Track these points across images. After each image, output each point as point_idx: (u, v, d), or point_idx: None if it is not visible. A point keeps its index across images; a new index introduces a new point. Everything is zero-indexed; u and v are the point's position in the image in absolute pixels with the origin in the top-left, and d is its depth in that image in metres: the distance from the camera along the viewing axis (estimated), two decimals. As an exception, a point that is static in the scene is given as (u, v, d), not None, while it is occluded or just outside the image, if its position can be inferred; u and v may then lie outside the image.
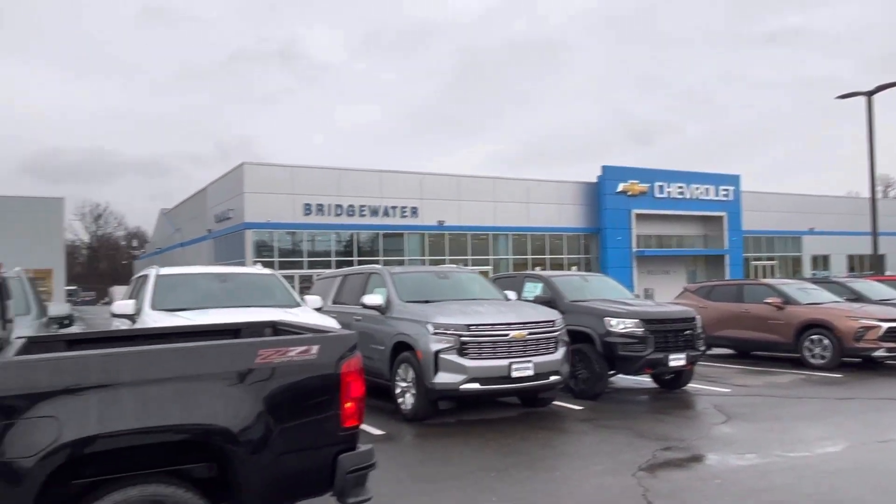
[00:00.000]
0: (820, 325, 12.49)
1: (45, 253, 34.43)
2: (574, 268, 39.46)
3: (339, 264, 32.24)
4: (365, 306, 9.22)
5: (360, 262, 32.19)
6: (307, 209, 34.38)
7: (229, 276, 9.11)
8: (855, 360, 12.66)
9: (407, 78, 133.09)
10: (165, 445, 3.35)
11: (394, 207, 36.51)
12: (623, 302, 10.54)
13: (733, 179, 46.14)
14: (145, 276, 8.83)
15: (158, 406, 3.24)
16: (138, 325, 7.32)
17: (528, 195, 40.54)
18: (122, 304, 8.03)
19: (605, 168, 42.12)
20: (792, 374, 11.97)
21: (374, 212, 35.98)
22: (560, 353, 8.55)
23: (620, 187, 41.78)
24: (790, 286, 13.94)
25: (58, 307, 10.80)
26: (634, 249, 42.22)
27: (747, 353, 14.54)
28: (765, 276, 44.02)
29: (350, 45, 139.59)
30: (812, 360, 12.45)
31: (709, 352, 12.53)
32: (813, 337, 12.53)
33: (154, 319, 7.38)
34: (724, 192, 45.29)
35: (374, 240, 36.70)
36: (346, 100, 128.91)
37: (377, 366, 8.68)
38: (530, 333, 8.28)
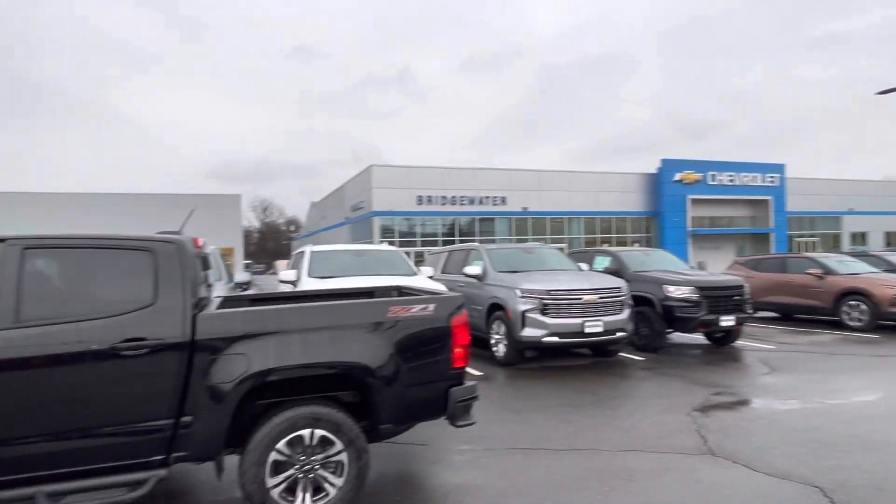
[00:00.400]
0: (858, 292, 11.44)
1: (228, 236, 36.59)
2: (636, 245, 37.93)
3: (444, 243, 32.52)
4: (466, 275, 9.32)
5: (461, 242, 32.33)
6: (419, 200, 34.84)
7: (364, 252, 9.41)
8: (890, 323, 11.53)
9: (495, 91, 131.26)
10: (322, 377, 3.57)
11: (486, 197, 36.30)
12: (680, 272, 10.07)
13: (779, 168, 42.57)
14: (303, 252, 9.29)
15: (317, 348, 3.44)
16: (299, 289, 7.73)
17: (597, 185, 39.20)
18: (287, 273, 8.50)
19: (663, 161, 40.00)
20: (832, 334, 11.05)
21: (471, 201, 35.93)
22: (625, 314, 8.33)
23: (677, 177, 39.57)
24: (830, 259, 12.80)
25: (240, 275, 11.56)
26: (689, 229, 40.00)
27: (790, 317, 13.55)
28: (807, 251, 40.65)
29: (450, 67, 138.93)
30: (850, 323, 11.45)
31: (755, 315, 11.78)
32: (851, 302, 11.51)
33: (310, 284, 7.78)
34: (771, 179, 41.92)
35: (471, 223, 36.68)
36: (447, 111, 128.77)
37: (476, 322, 8.78)
38: (600, 298, 8.11)
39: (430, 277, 8.98)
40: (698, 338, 10.45)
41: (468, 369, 4.26)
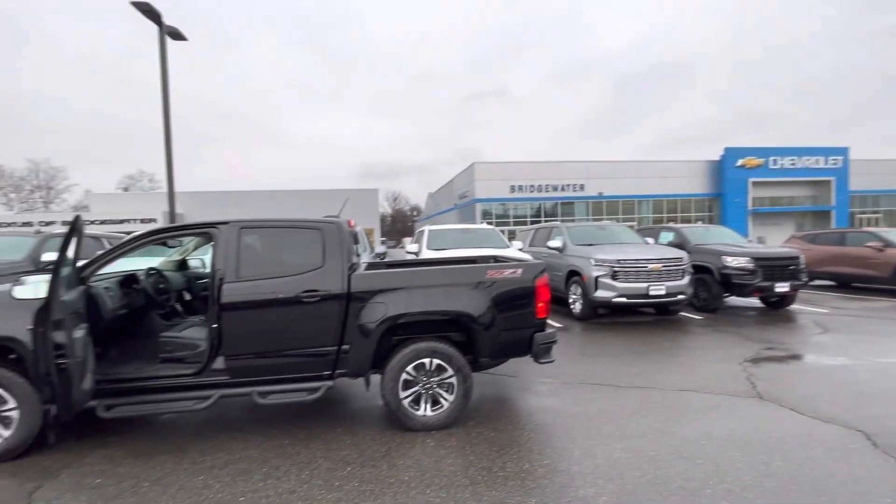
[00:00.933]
0: (919, 263, 9.68)
1: (369, 219, 38.55)
2: (699, 222, 34.62)
3: (532, 223, 31.92)
4: (549, 248, 9.15)
5: (545, 222, 31.53)
6: (512, 189, 34.38)
7: (468, 230, 9.56)
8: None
9: (577, 95, 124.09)
10: (437, 322, 3.77)
11: (567, 184, 34.95)
12: (738, 245, 9.13)
13: (842, 150, 36.44)
14: (423, 231, 9.64)
15: (435, 299, 3.64)
16: (420, 257, 8.07)
17: (664, 171, 36.15)
18: (412, 246, 8.91)
19: (726, 149, 35.87)
20: (887, 301, 9.49)
21: (555, 188, 34.80)
22: (686, 280, 7.75)
23: (739, 162, 35.38)
24: (891, 232, 10.90)
25: (379, 248, 12.25)
26: (750, 208, 35.77)
27: (846, 285, 11.78)
28: (868, 228, 34.68)
29: (539, 78, 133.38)
30: (910, 292, 9.75)
31: (810, 282, 10.39)
32: (912, 273, 9.77)
33: (429, 254, 8.09)
34: (833, 161, 36.07)
35: (555, 207, 35.58)
36: (536, 114, 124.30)
37: (556, 285, 8.64)
38: (663, 266, 7.62)
39: (520, 249, 8.93)
40: (755, 301, 9.47)
41: (550, 322, 4.26)
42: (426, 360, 3.61)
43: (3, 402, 3.20)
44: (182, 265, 5.18)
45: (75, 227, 3.10)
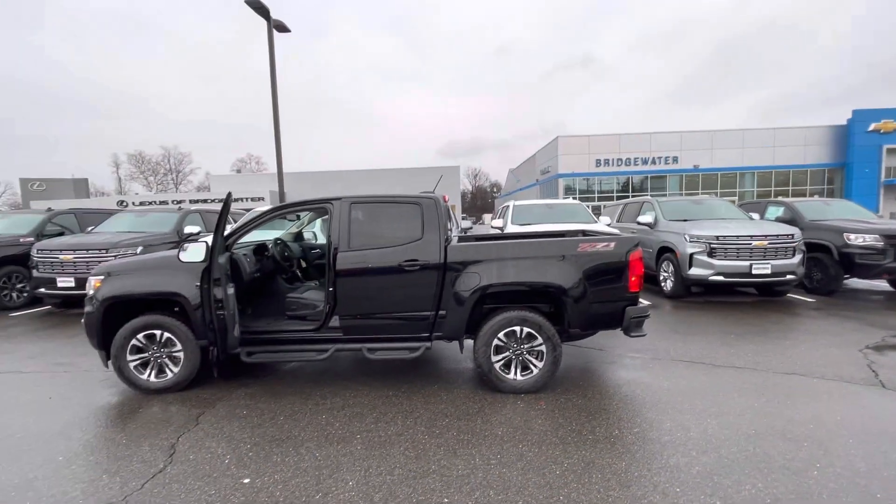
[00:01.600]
0: None
1: (450, 196, 38.82)
2: (816, 196, 30.45)
3: (618, 199, 30.23)
4: (639, 223, 8.73)
5: (633, 197, 29.73)
6: (598, 163, 32.75)
7: (554, 205, 9.42)
8: None
9: (670, 61, 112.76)
10: (528, 292, 3.89)
11: (659, 157, 32.49)
12: (864, 221, 8.01)
13: None
14: (508, 206, 9.67)
15: (526, 271, 3.75)
16: (506, 232, 8.14)
17: (773, 140, 32.09)
18: (497, 221, 9.00)
19: (855, 111, 30.85)
20: None
21: (644, 161, 32.54)
22: (796, 259, 7.02)
23: (872, 126, 30.30)
24: None
25: (465, 223, 12.52)
26: (883, 179, 30.64)
27: None
28: None
29: (627, 44, 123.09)
30: None
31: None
32: None
33: (514, 230, 8.15)
34: None
35: (643, 181, 33.35)
36: (624, 84, 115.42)
37: (647, 262, 8.25)
38: (770, 243, 6.96)
39: (608, 225, 8.63)
40: (881, 285, 8.31)
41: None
42: (517, 328, 3.76)
43: (172, 344, 3.92)
44: (298, 237, 5.79)
45: (227, 203, 3.63)
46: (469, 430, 3.19)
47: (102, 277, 3.93)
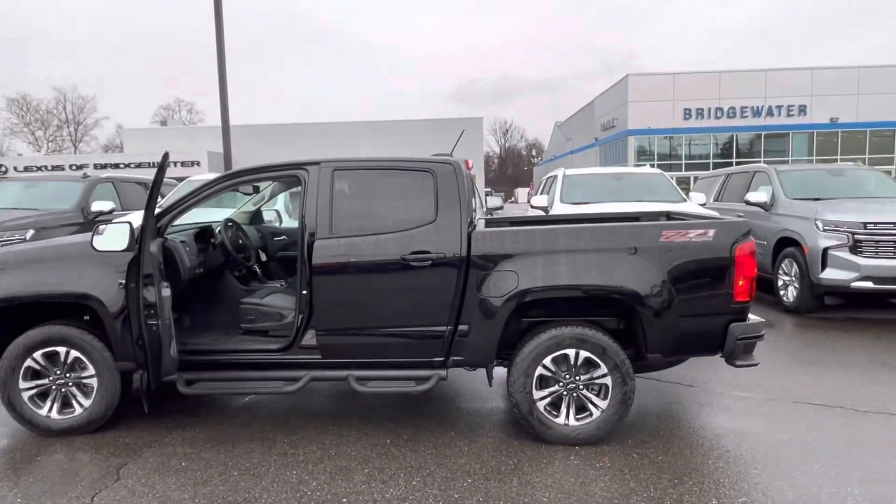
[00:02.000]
0: None
1: (473, 162, 39.12)
2: None
3: (716, 167, 30.02)
4: (748, 203, 8.71)
5: (739, 164, 29.52)
6: (686, 114, 32.54)
7: (623, 176, 9.46)
8: None
9: None
10: (586, 301, 3.95)
11: (779, 107, 32.15)
12: None
13: None
14: (554, 177, 9.71)
15: (586, 270, 3.80)
16: (553, 214, 8.18)
17: (952, 82, 31.53)
18: (539, 199, 9.06)
19: None
20: None
21: (757, 112, 32.24)
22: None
23: None
24: None
25: (493, 201, 12.61)
26: None
27: None
28: None
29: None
30: None
31: None
32: None
33: (563, 210, 8.19)
34: None
35: (754, 141, 33.04)
36: (723, 2, 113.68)
37: (760, 260, 8.17)
38: (943, 234, 6.91)
39: (702, 205, 8.62)
40: None
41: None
42: (570, 352, 3.82)
43: (82, 367, 4.06)
44: (256, 218, 5.91)
45: (162, 168, 3.73)
46: (501, 494, 3.27)
47: (-19, 274, 4.07)
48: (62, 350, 4.03)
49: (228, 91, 12.68)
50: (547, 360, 3.84)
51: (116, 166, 34.62)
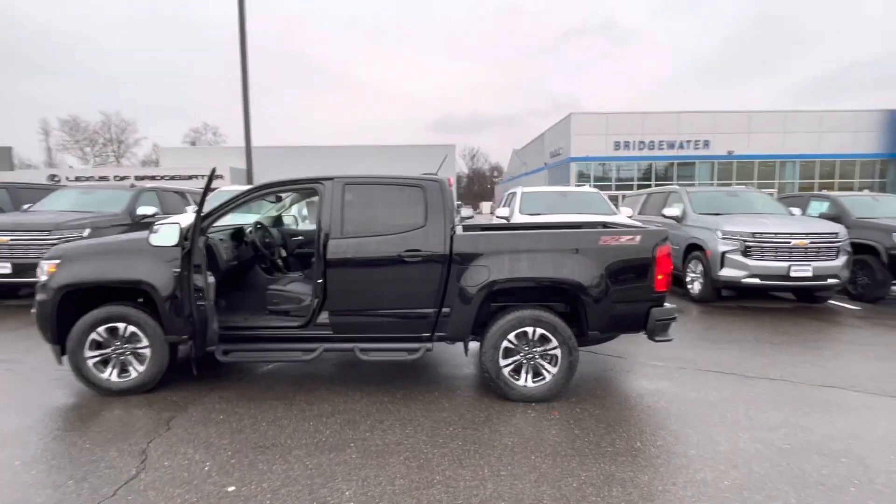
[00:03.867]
0: None
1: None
2: (866, 190, 31.06)
3: (639, 188, 30.56)
4: (664, 216, 8.97)
5: (656, 186, 30.08)
6: (616, 145, 33.01)
7: (568, 193, 9.62)
8: None
9: (696, 32, 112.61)
10: (541, 290, 4.08)
11: (688, 141, 32.82)
12: (917, 220, 8.33)
13: None
14: (514, 193, 9.84)
15: (541, 265, 3.93)
16: (513, 223, 8.30)
17: (819, 125, 32.60)
18: (502, 210, 9.19)
19: (914, 94, 31.46)
20: None
21: (671, 145, 32.86)
22: (841, 261, 7.31)
23: (932, 112, 30.93)
24: None
25: (465, 211, 12.70)
26: (942, 174, 31.38)
27: None
28: None
29: (647, 11, 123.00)
30: None
31: None
32: None
33: (522, 220, 8.33)
34: None
35: (669, 168, 33.69)
36: (646, 54, 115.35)
37: (673, 261, 8.47)
38: (812, 242, 7.23)
39: (630, 217, 8.84)
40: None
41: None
42: (529, 329, 3.94)
43: (137, 339, 4.05)
44: (277, 221, 5.92)
45: (211, 179, 3.74)
46: (476, 439, 3.37)
47: (57, 262, 4.04)
48: (121, 325, 4.01)
49: (251, 119, 12.55)
50: (511, 336, 3.95)
51: (153, 178, 33.76)
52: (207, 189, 3.76)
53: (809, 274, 7.16)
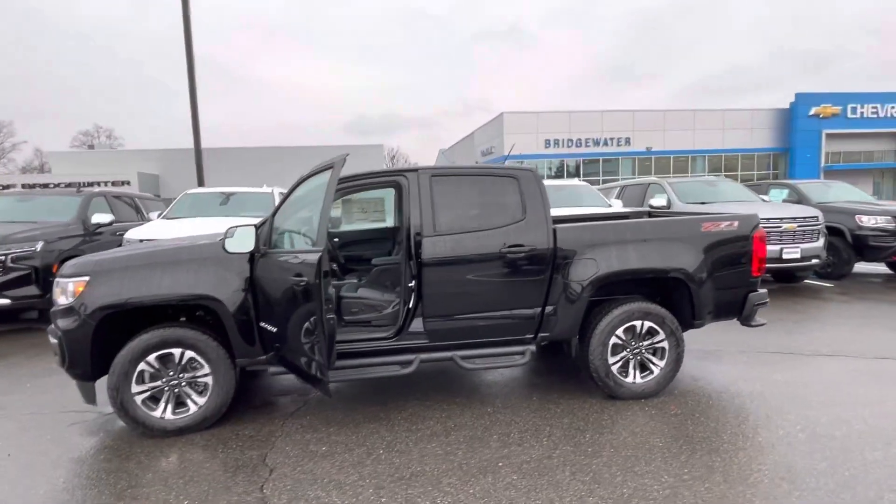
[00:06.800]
0: None
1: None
2: (820, 180, 34.56)
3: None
4: (651, 207, 9.19)
5: (577, 181, 31.38)
6: (547, 143, 34.13)
7: (561, 187, 9.55)
8: None
9: (587, 36, 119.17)
10: (642, 281, 3.94)
11: (611, 138, 34.65)
12: (870, 203, 9.26)
13: (933, 96, 36.03)
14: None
15: (649, 255, 3.78)
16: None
17: (723, 123, 35.77)
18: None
19: (798, 95, 35.37)
20: None
21: (596, 142, 34.54)
22: (821, 242, 7.91)
23: (813, 111, 34.94)
24: None
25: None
26: (823, 165, 35.60)
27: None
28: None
29: (547, 17, 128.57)
30: None
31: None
32: None
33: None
34: (922, 110, 35.67)
35: (594, 164, 35.38)
36: (547, 59, 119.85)
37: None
38: (799, 226, 7.75)
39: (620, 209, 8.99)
40: (879, 267, 9.67)
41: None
42: (637, 323, 3.78)
43: (196, 367, 3.39)
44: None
45: (337, 171, 3.13)
46: (621, 443, 3.15)
47: (86, 279, 3.28)
48: (177, 351, 3.35)
49: (200, 123, 11.39)
50: (619, 331, 3.77)
51: (46, 186, 29.92)
52: (334, 181, 3.10)
53: (798, 255, 7.67)
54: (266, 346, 3.46)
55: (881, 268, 9.71)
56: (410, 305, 3.62)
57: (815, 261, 7.86)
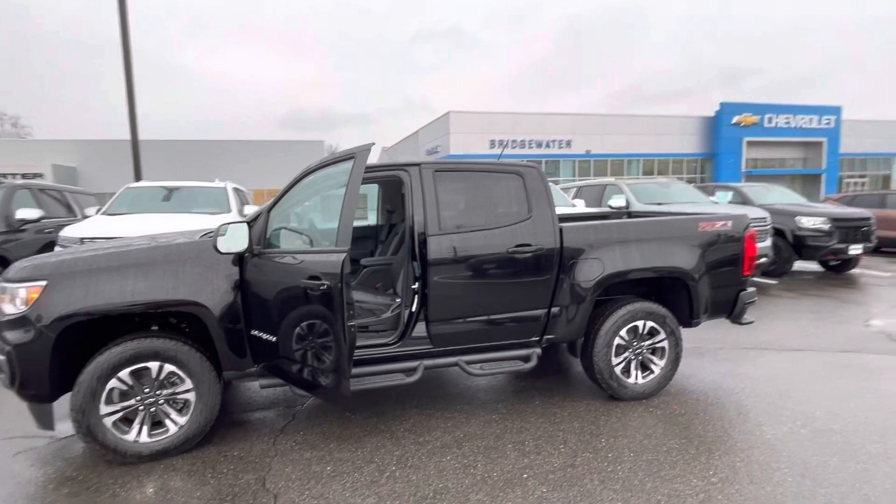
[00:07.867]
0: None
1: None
2: (766, 184, 36.67)
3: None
4: (611, 207, 9.41)
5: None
6: (492, 144, 34.43)
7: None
8: None
9: (523, 40, 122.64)
10: (642, 280, 3.91)
11: (553, 141, 35.50)
12: (807, 205, 9.93)
13: (835, 110, 39.65)
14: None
15: (651, 255, 3.75)
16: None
17: (656, 128, 37.60)
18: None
19: (722, 104, 37.83)
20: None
21: (539, 144, 35.27)
22: (768, 242, 8.38)
23: (734, 119, 37.53)
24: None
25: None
26: (744, 170, 38.30)
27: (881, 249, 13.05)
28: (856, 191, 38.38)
29: (484, 20, 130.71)
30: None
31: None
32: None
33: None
34: (826, 121, 39.11)
35: (539, 165, 36.13)
36: (485, 62, 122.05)
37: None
38: (752, 226, 8.16)
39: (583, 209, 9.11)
40: (812, 265, 10.41)
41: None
42: (639, 324, 3.75)
43: (177, 381, 3.00)
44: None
45: (361, 165, 2.80)
46: (639, 447, 3.09)
47: (43, 283, 2.81)
48: (154, 365, 2.94)
49: (137, 114, 10.46)
50: (623, 332, 3.73)
51: (-59, 178, 26.72)
52: (357, 177, 2.77)
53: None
54: (257, 356, 3.13)
55: (813, 265, 10.45)
56: (414, 309, 3.40)
57: (763, 259, 8.31)
